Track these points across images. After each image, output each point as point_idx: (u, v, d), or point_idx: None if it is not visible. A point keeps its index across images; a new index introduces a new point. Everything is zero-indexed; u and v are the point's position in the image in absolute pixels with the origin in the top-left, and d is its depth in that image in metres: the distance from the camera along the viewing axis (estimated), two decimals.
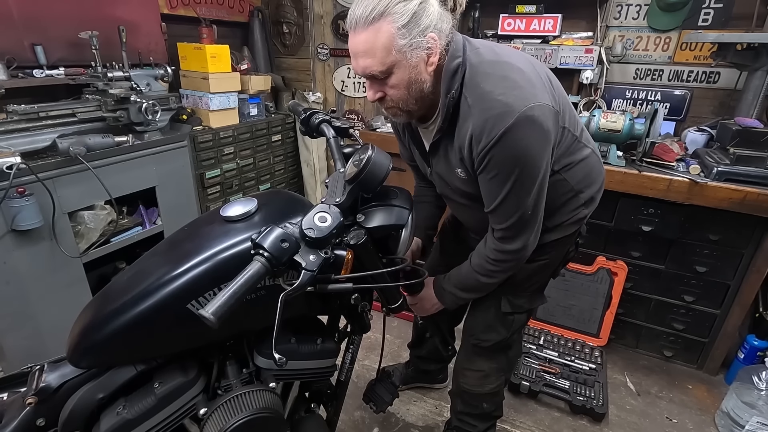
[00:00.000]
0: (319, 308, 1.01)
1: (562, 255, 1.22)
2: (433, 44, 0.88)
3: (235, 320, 0.84)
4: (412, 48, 0.86)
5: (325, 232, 0.77)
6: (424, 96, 0.94)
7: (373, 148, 0.87)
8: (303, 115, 1.11)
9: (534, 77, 0.91)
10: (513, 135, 0.86)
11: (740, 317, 1.89)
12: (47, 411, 0.77)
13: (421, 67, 0.90)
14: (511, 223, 0.99)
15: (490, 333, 1.27)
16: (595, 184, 1.13)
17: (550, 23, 2.32)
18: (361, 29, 0.85)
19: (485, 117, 0.87)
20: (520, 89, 0.87)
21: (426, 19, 0.85)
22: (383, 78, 0.90)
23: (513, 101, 0.85)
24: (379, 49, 0.85)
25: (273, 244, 0.71)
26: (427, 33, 0.86)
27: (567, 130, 1.00)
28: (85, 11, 2.02)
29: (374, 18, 0.83)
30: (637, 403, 1.91)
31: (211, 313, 0.62)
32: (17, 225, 1.51)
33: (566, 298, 2.15)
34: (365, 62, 0.88)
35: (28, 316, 1.64)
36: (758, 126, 1.82)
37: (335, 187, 0.92)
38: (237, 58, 2.72)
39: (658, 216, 1.89)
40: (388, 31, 0.83)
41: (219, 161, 2.51)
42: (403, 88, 0.91)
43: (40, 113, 1.68)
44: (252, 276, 0.68)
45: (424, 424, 1.77)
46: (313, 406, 1.12)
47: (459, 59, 0.91)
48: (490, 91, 0.88)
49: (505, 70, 0.90)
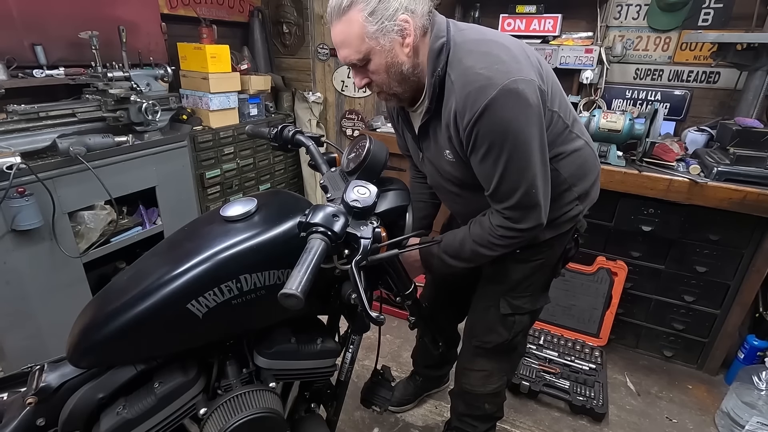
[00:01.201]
0: (319, 308, 1.02)
1: (559, 253, 1.20)
2: (405, 26, 0.89)
3: (235, 320, 0.85)
4: (383, 33, 0.88)
5: (369, 202, 0.80)
6: (406, 77, 0.96)
7: (370, 138, 0.90)
8: (273, 130, 1.15)
9: (520, 55, 0.91)
10: (496, 107, 0.85)
11: (740, 317, 1.89)
12: (47, 411, 0.77)
13: (396, 50, 0.92)
14: (515, 202, 0.95)
15: (491, 335, 1.26)
16: (588, 177, 1.10)
17: (550, 23, 2.32)
18: (335, 21, 0.90)
19: (467, 91, 0.88)
20: (502, 63, 0.87)
21: (394, 2, 0.87)
22: (363, 65, 0.94)
23: (494, 74, 0.86)
24: (353, 38, 0.89)
25: (327, 219, 0.73)
26: (396, 16, 0.88)
27: (557, 115, 0.99)
28: (85, 11, 2.02)
29: (344, 9, 0.88)
30: (637, 403, 1.91)
31: (296, 290, 0.62)
32: (17, 225, 1.51)
33: (566, 298, 2.15)
34: (344, 52, 0.93)
35: (28, 316, 1.64)
36: (758, 126, 1.82)
37: (336, 183, 0.94)
38: (237, 58, 2.73)
39: (658, 216, 1.89)
40: (357, 20, 0.87)
41: (219, 161, 2.51)
42: (383, 72, 0.94)
43: (40, 113, 1.68)
44: (318, 252, 0.69)
45: (424, 424, 1.77)
46: (313, 406, 1.12)
47: (443, 39, 0.93)
48: (471, 65, 0.89)
49: (489, 47, 0.91)
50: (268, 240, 0.83)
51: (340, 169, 0.99)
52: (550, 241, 1.13)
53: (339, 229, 0.74)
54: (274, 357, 0.91)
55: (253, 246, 0.81)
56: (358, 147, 0.94)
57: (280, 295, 0.63)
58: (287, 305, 0.63)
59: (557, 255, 1.19)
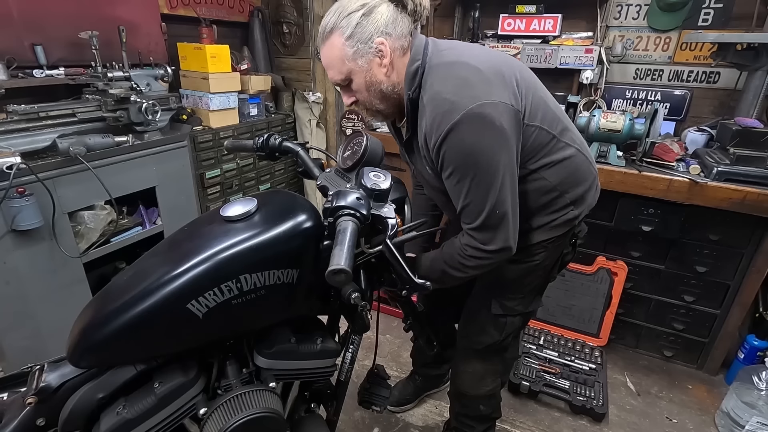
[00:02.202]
0: (319, 308, 1.02)
1: (555, 257, 1.19)
2: (382, 48, 0.96)
3: (235, 320, 0.85)
4: (360, 54, 0.95)
5: (387, 185, 0.83)
6: (386, 95, 1.02)
7: (365, 134, 0.93)
8: (260, 140, 1.17)
9: (493, 76, 0.94)
10: (458, 132, 0.90)
11: (740, 317, 1.89)
12: (47, 411, 0.77)
13: (374, 70, 0.98)
14: (481, 222, 0.97)
15: (482, 335, 1.26)
16: (581, 184, 1.10)
17: (550, 23, 2.32)
18: (321, 46, 0.99)
19: (434, 115, 0.93)
20: (470, 88, 0.91)
21: (371, 26, 0.94)
22: (347, 84, 1.01)
23: (459, 99, 0.90)
24: (335, 60, 0.97)
25: (354, 202, 0.77)
26: (373, 39, 0.95)
27: (538, 129, 1.01)
28: (85, 11, 2.02)
29: (327, 35, 0.96)
30: (637, 403, 1.91)
31: (345, 265, 0.65)
32: (17, 225, 1.51)
33: (566, 298, 2.15)
34: (330, 73, 1.01)
35: (28, 316, 1.64)
36: (758, 126, 1.82)
37: (334, 182, 0.96)
38: (237, 58, 2.72)
39: (658, 216, 1.89)
40: (337, 44, 0.95)
41: (219, 161, 2.51)
42: (364, 91, 1.01)
43: (40, 113, 1.68)
44: (352, 231, 0.72)
45: (423, 424, 1.77)
46: (313, 406, 1.12)
47: (418, 62, 0.98)
48: (440, 90, 0.93)
49: (460, 70, 0.95)
50: (268, 240, 0.83)
51: (335, 169, 1.01)
52: (544, 243, 1.13)
53: (366, 211, 0.77)
54: (274, 357, 0.91)
55: (253, 246, 0.81)
56: (353, 144, 0.97)
57: (328, 273, 0.65)
58: (336, 282, 0.65)
59: (553, 258, 1.18)
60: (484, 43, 2.43)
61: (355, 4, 0.94)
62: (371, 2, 0.94)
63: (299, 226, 0.86)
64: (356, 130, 1.01)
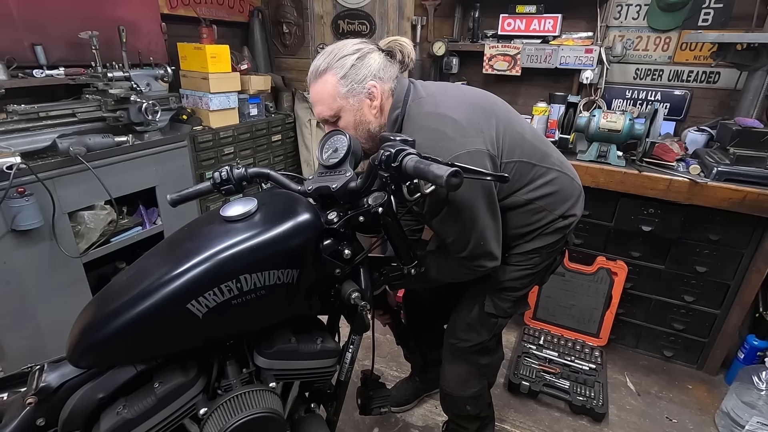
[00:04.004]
0: (319, 308, 1.02)
1: (549, 262, 1.24)
2: (373, 90, 1.03)
3: (235, 320, 0.85)
4: (352, 94, 1.02)
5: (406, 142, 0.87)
6: (373, 135, 1.07)
7: (344, 132, 0.98)
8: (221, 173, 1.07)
9: (467, 125, 1.00)
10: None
11: (740, 317, 1.88)
12: (47, 411, 0.77)
13: (364, 110, 1.04)
14: (467, 253, 1.05)
15: (470, 333, 1.27)
16: (566, 201, 1.17)
17: (550, 23, 2.32)
18: (313, 82, 1.04)
19: None
20: (447, 140, 0.97)
21: (364, 69, 1.02)
22: (334, 121, 1.06)
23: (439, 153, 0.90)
24: (326, 97, 1.03)
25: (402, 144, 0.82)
26: (366, 81, 1.02)
27: (518, 163, 1.08)
28: (85, 11, 2.02)
29: (320, 72, 1.02)
30: (637, 403, 1.91)
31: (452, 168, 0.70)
32: (17, 225, 1.51)
33: (566, 298, 2.15)
34: (318, 109, 1.06)
35: (28, 316, 1.64)
36: (758, 126, 1.82)
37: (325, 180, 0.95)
38: (237, 58, 2.73)
39: (658, 216, 1.89)
40: (331, 82, 1.01)
41: (219, 161, 2.51)
42: (352, 129, 1.05)
43: (40, 113, 1.68)
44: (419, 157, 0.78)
45: (423, 424, 1.77)
46: (313, 406, 1.12)
47: (398, 110, 1.05)
48: (418, 144, 0.95)
49: (438, 123, 1.00)
50: (268, 240, 0.83)
51: (317, 172, 1.00)
52: (539, 249, 1.18)
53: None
54: (274, 357, 0.91)
55: (253, 246, 0.81)
56: (332, 141, 1.00)
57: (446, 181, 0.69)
58: (454, 184, 0.70)
59: (546, 264, 1.23)
60: (485, 43, 2.43)
61: (349, 49, 1.02)
62: (364, 48, 1.03)
63: (299, 226, 0.86)
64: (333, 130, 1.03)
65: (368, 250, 0.99)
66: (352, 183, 0.91)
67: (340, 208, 0.94)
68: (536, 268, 1.20)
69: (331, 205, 0.96)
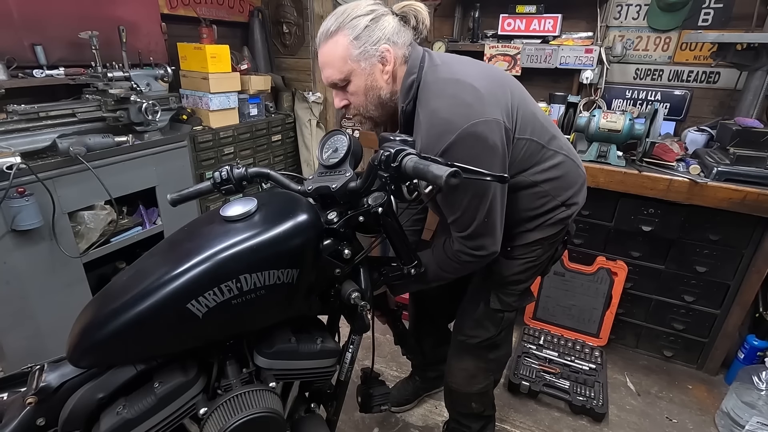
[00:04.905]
0: (319, 308, 1.02)
1: (551, 253, 1.23)
2: (386, 54, 0.98)
3: (235, 320, 0.85)
4: (365, 56, 0.97)
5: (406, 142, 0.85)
6: (383, 102, 1.03)
7: (344, 132, 0.96)
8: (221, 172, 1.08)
9: (486, 94, 0.96)
10: (455, 150, 0.92)
11: (740, 317, 1.88)
12: (47, 411, 0.77)
13: (376, 75, 0.99)
14: (470, 232, 1.03)
15: (478, 329, 1.28)
16: (571, 188, 1.16)
17: (550, 23, 2.32)
18: (323, 43, 0.98)
19: (430, 134, 0.95)
20: (466, 107, 0.93)
21: (378, 32, 0.96)
22: (344, 86, 1.01)
23: (456, 119, 0.92)
24: (337, 59, 0.97)
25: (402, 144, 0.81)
26: (379, 44, 0.96)
27: (528, 141, 1.06)
28: (85, 11, 2.02)
29: (331, 32, 0.96)
30: (637, 403, 1.91)
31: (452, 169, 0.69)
32: (17, 225, 1.51)
33: (566, 298, 2.15)
34: (327, 72, 1.00)
35: (28, 316, 1.64)
36: (758, 126, 1.82)
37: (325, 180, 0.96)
38: (237, 58, 2.73)
39: (658, 216, 1.89)
40: (343, 43, 0.96)
41: (219, 161, 2.51)
42: (362, 95, 1.01)
43: (40, 113, 1.68)
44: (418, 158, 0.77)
45: (423, 424, 1.77)
46: (313, 406, 1.12)
47: (414, 75, 1.00)
48: (436, 109, 0.95)
49: (456, 89, 0.97)
50: (268, 240, 0.83)
51: (318, 172, 1.01)
52: (540, 241, 1.17)
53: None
54: (274, 357, 0.91)
55: (253, 246, 0.81)
56: (334, 141, 0.99)
57: (445, 182, 0.68)
58: (453, 183, 0.68)
59: (548, 255, 1.23)
60: (485, 43, 2.43)
61: (363, 10, 0.96)
62: (379, 10, 0.98)
63: (299, 226, 0.86)
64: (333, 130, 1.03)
65: (368, 250, 0.99)
66: (351, 183, 0.91)
67: (340, 208, 0.94)
68: (539, 259, 1.20)
69: (331, 205, 0.96)
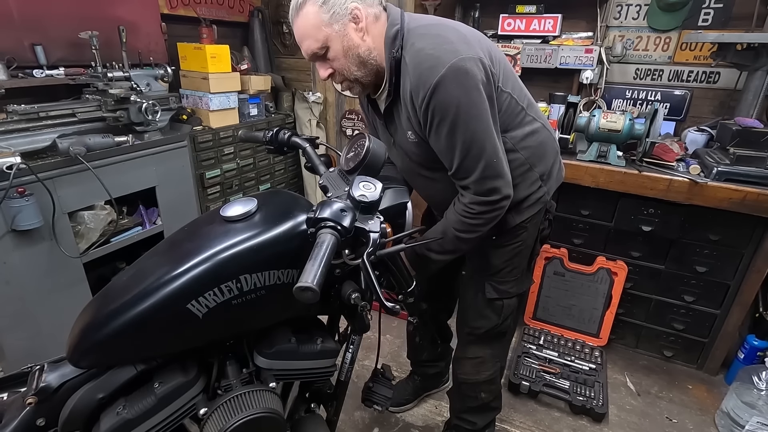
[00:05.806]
0: (319, 308, 1.02)
1: (535, 235, 1.24)
2: (356, 12, 0.99)
3: (235, 320, 0.85)
4: (336, 19, 0.97)
5: (375, 196, 0.80)
6: (363, 60, 1.03)
7: (368, 137, 0.92)
8: (269, 133, 1.20)
9: (471, 38, 1.00)
10: (445, 83, 0.93)
11: (740, 317, 1.88)
12: (47, 411, 0.77)
13: (351, 34, 1.00)
14: (479, 174, 1.01)
15: (481, 320, 1.29)
16: (547, 157, 1.17)
17: (550, 23, 2.32)
18: (295, 18, 1.00)
19: (419, 71, 0.96)
20: (450, 44, 0.95)
21: None
22: (323, 53, 1.01)
23: (443, 54, 0.94)
24: (311, 29, 0.98)
25: (336, 214, 0.74)
26: (347, 3, 0.97)
27: (510, 96, 1.06)
28: (85, 11, 2.02)
29: (300, 5, 0.98)
30: (637, 403, 1.91)
31: (313, 284, 0.63)
32: (17, 225, 1.51)
33: (566, 298, 2.15)
34: (305, 44, 1.01)
35: (28, 316, 1.64)
36: (758, 126, 1.82)
37: (335, 183, 0.96)
38: (237, 58, 2.72)
39: (658, 216, 1.89)
40: (313, 11, 0.97)
41: (219, 161, 2.51)
42: (342, 57, 1.01)
43: (40, 113, 1.68)
44: (330, 246, 0.70)
45: (424, 424, 1.77)
46: (313, 406, 1.12)
47: (397, 26, 1.01)
48: (422, 47, 0.96)
49: (439, 30, 0.99)
50: (268, 240, 0.83)
51: (338, 169, 1.01)
52: (523, 223, 1.18)
53: (348, 223, 0.74)
54: (274, 357, 0.91)
55: (253, 246, 0.81)
56: (356, 146, 0.96)
57: (295, 289, 0.63)
58: (303, 299, 0.63)
59: (533, 237, 1.24)
60: None
61: None
62: None
63: (299, 227, 0.86)
64: (360, 131, 1.00)
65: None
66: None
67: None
68: (526, 242, 1.22)
69: None
